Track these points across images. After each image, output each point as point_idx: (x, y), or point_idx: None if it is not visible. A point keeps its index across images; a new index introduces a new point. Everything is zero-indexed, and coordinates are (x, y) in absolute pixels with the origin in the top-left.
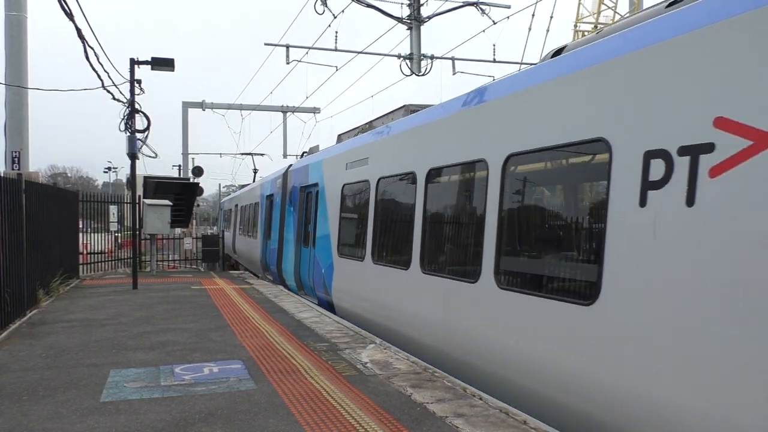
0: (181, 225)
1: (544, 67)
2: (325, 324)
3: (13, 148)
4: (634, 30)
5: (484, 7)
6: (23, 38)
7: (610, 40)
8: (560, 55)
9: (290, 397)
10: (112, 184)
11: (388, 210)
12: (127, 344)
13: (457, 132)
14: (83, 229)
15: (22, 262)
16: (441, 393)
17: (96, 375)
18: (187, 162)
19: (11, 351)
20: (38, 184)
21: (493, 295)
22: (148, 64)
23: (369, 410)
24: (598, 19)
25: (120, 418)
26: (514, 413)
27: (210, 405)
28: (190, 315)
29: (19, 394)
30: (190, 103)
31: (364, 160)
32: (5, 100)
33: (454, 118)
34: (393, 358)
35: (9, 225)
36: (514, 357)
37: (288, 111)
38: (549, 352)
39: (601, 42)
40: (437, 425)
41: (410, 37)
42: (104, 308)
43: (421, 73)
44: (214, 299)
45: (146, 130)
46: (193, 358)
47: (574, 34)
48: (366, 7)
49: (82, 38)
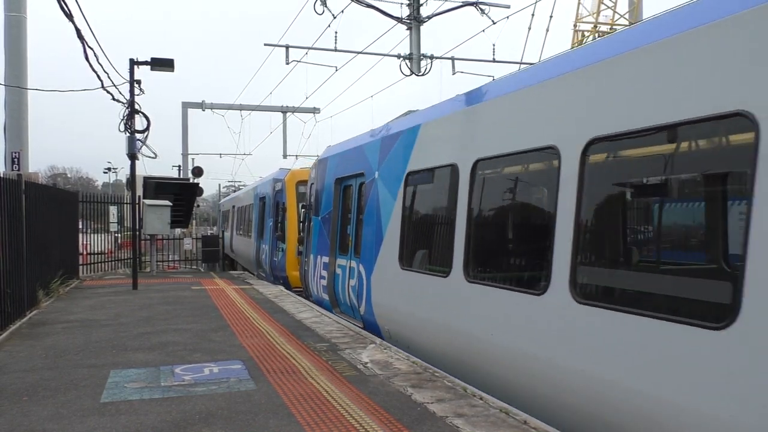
0: (180, 225)
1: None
2: (325, 324)
3: (12, 148)
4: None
5: (483, 6)
6: (23, 39)
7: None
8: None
9: (290, 397)
10: (112, 184)
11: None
12: (128, 345)
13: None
14: (83, 229)
15: (22, 263)
16: (441, 393)
17: (96, 375)
18: (186, 162)
19: (11, 352)
20: (38, 185)
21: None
22: (148, 64)
23: (369, 410)
24: (598, 18)
25: (120, 418)
26: (514, 413)
27: (210, 405)
28: (190, 315)
29: (19, 394)
30: (189, 103)
31: (449, 135)
32: (5, 101)
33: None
34: (393, 358)
35: (9, 226)
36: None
37: (288, 111)
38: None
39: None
40: (437, 425)
41: (410, 37)
42: (104, 309)
43: (421, 73)
44: (214, 299)
45: (146, 130)
46: (194, 359)
47: (574, 34)
48: (365, 8)
49: (81, 39)
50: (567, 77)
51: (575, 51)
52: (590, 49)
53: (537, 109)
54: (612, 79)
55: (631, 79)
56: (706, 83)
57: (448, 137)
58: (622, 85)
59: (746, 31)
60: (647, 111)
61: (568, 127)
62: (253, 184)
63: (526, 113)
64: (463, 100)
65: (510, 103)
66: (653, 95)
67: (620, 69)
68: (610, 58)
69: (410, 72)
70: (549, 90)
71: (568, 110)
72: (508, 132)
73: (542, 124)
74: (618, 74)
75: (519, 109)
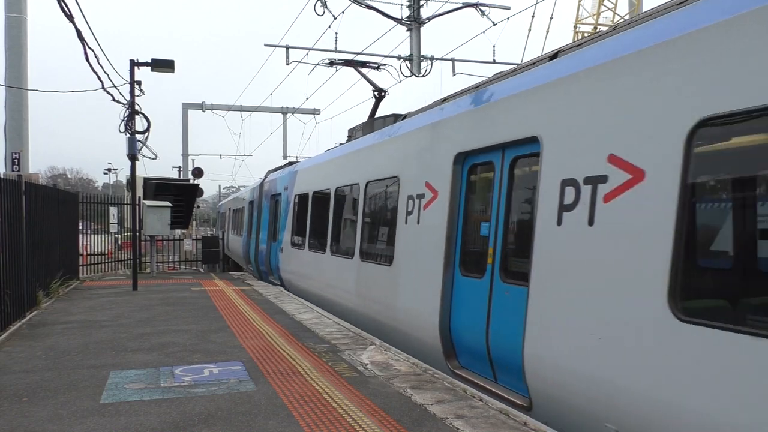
0: (180, 226)
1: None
2: (325, 325)
3: (13, 149)
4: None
5: (483, 8)
6: (23, 40)
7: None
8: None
9: (290, 398)
10: (112, 185)
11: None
12: (127, 345)
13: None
14: (83, 230)
15: (22, 264)
16: (441, 394)
17: (96, 376)
18: (187, 163)
19: (11, 352)
20: (38, 186)
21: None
22: (148, 65)
23: (369, 411)
24: (598, 20)
25: (120, 419)
26: (514, 414)
27: (210, 406)
28: (190, 316)
29: (18, 395)
30: (190, 104)
31: (305, 178)
32: (5, 102)
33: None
34: (393, 360)
35: (9, 226)
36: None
37: (288, 112)
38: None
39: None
40: (437, 426)
41: (410, 38)
42: (104, 310)
43: (421, 75)
44: (214, 300)
45: (146, 131)
46: (193, 360)
47: (574, 35)
48: (366, 9)
49: (82, 40)
50: (335, 160)
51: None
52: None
53: (325, 172)
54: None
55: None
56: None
57: (305, 179)
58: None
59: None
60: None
61: (341, 180)
62: (245, 188)
63: (326, 171)
64: (308, 162)
65: (324, 166)
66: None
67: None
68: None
69: (410, 73)
70: (330, 162)
71: (341, 172)
72: (324, 178)
73: (329, 178)
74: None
75: (331, 168)
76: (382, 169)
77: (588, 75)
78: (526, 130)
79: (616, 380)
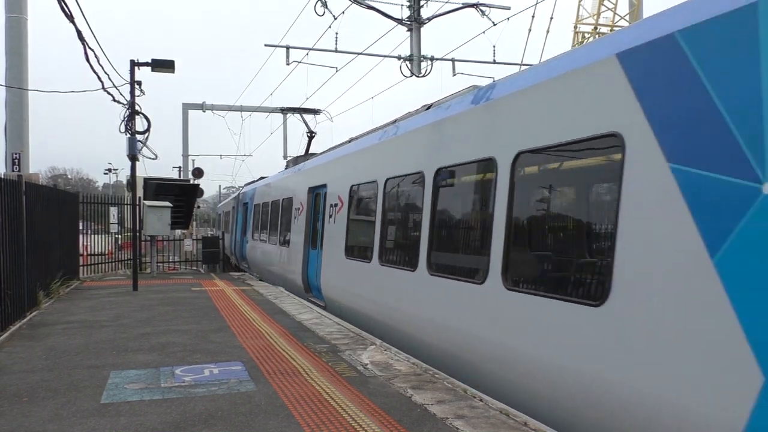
0: (181, 226)
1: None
2: (326, 325)
3: (13, 149)
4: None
5: (484, 8)
6: (23, 40)
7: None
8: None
9: (291, 398)
10: (113, 185)
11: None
12: (128, 346)
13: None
14: (83, 230)
15: (23, 264)
16: (441, 394)
17: (96, 376)
18: (187, 163)
19: (11, 352)
20: (38, 186)
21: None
22: (149, 65)
23: (369, 412)
24: (598, 20)
25: (120, 419)
26: (514, 414)
27: (210, 406)
28: (190, 316)
29: (19, 395)
30: (190, 104)
31: (261, 192)
32: (5, 102)
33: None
34: (393, 360)
35: (9, 226)
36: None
37: (288, 112)
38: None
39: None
40: (438, 426)
41: (410, 38)
42: (104, 310)
43: (422, 75)
44: (215, 301)
45: (146, 131)
46: (194, 360)
47: (574, 35)
48: (366, 9)
49: (82, 40)
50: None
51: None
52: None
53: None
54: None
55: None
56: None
57: (261, 193)
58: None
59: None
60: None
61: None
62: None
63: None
64: (263, 182)
65: (275, 183)
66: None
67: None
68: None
69: (411, 73)
70: (283, 179)
71: (290, 184)
72: (277, 191)
73: (282, 190)
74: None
75: (280, 185)
76: (287, 192)
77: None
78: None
79: (347, 288)
